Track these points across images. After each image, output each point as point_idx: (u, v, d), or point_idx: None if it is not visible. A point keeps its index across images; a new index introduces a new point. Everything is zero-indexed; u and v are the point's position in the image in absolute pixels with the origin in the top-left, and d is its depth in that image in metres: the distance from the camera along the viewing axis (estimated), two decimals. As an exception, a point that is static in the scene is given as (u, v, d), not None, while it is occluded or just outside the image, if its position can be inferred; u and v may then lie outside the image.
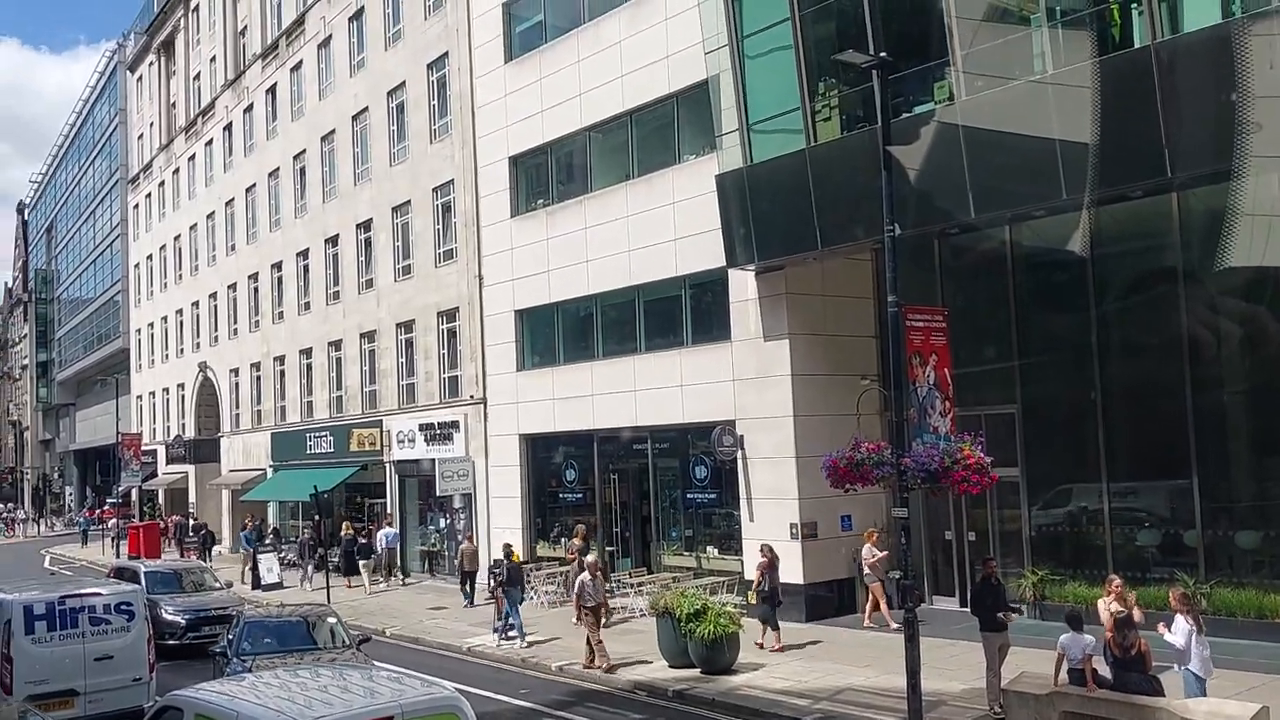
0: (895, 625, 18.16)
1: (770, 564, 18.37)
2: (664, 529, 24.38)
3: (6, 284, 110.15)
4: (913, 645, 12.81)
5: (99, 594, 15.55)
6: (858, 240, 18.96)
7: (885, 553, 19.36)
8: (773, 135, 19.75)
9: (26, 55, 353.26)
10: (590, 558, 18.69)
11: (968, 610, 16.34)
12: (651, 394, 23.35)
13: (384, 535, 30.86)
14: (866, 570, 19.70)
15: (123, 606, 15.40)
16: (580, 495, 26.23)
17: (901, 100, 17.47)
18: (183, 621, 21.46)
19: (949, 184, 16.79)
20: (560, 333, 26.52)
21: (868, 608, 19.88)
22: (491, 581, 22.02)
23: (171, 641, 20.94)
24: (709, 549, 23.07)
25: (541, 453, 27.50)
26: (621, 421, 24.35)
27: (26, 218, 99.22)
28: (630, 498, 25.31)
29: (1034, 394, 19.68)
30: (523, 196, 27.63)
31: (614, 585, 23.67)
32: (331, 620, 16.56)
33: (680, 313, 23.28)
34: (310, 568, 29.84)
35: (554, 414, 26.12)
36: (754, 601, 18.76)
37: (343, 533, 31.64)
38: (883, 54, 14.57)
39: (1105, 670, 12.31)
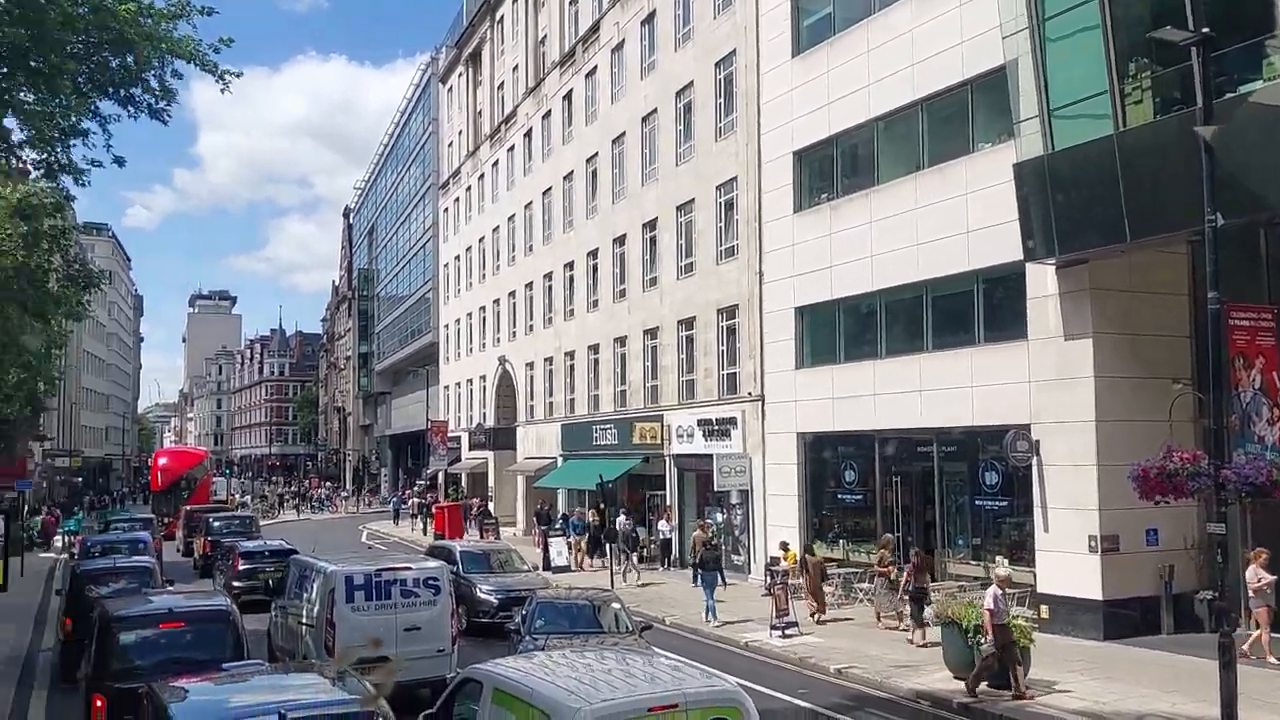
0: (1273, 659, 16.62)
1: (919, 566, 19.95)
2: (949, 536, 23.45)
3: (334, 282, 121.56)
4: (1229, 672, 11.68)
5: (409, 569, 16.54)
6: (1172, 231, 17.49)
7: (1275, 577, 17.14)
8: (1076, 121, 18.53)
9: (353, 71, 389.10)
10: (1002, 571, 16.24)
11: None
12: (938, 394, 22.54)
13: (620, 522, 32.43)
14: (1251, 594, 17.35)
15: (430, 581, 16.29)
16: (860, 497, 25.72)
17: (1224, 79, 15.95)
18: (495, 601, 22.59)
19: (1278, 169, 15.13)
20: (841, 330, 26.09)
21: (1255, 636, 17.09)
22: (769, 579, 21.99)
23: (484, 620, 22.27)
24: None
25: (819, 452, 27.19)
26: (905, 423, 23.66)
27: (351, 221, 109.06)
28: (913, 502, 24.55)
29: (1384, 403, 17.38)
30: (805, 191, 27.42)
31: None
32: (616, 606, 17.16)
33: (971, 309, 22.30)
34: (634, 559, 30.37)
35: (833, 413, 25.75)
36: (904, 599, 20.54)
37: (589, 519, 35.11)
38: (1204, 30, 13.35)
39: None
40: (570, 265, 42.20)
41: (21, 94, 16.14)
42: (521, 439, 47.91)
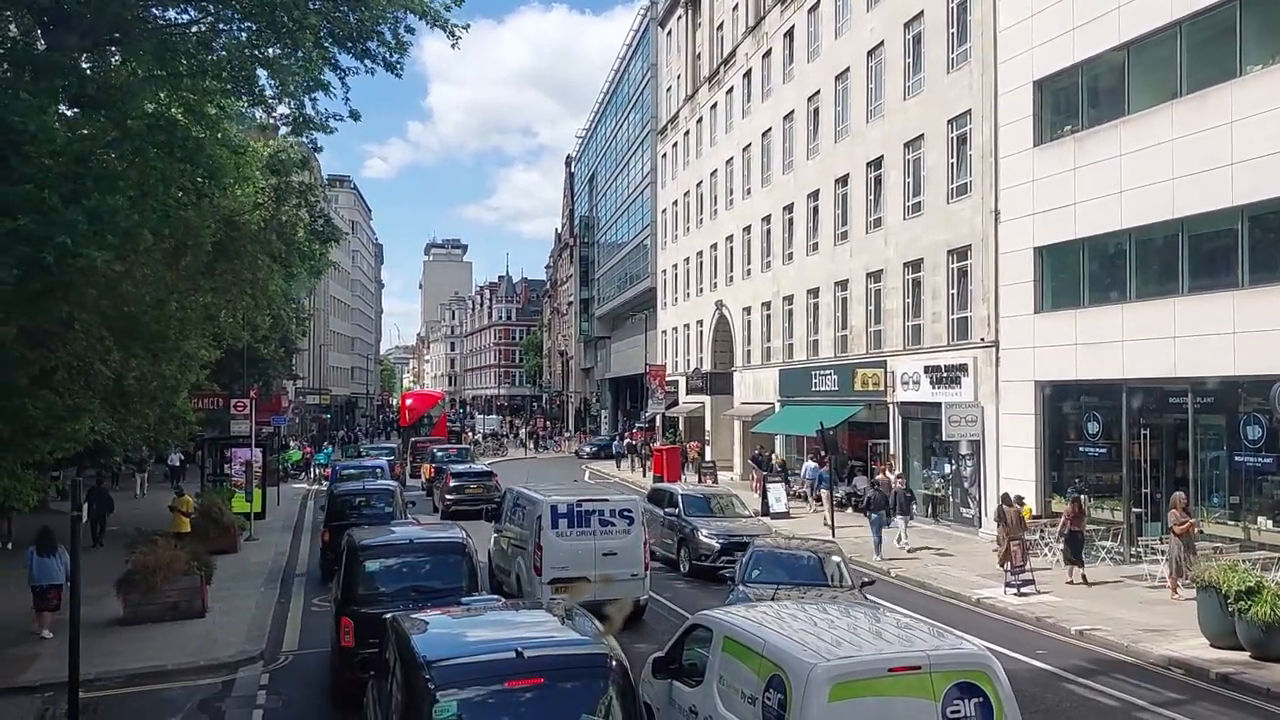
0: None
1: (1077, 512, 21.06)
2: (1203, 494, 21.65)
3: (557, 229, 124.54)
4: None
5: (607, 500, 18.29)
6: None
7: None
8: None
9: (572, 20, 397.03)
10: None
11: None
12: (1194, 341, 20.73)
13: (808, 468, 35.85)
14: None
15: (625, 512, 18.01)
16: (1104, 450, 24.09)
17: None
18: (717, 545, 22.57)
19: None
20: (1085, 272, 24.37)
21: None
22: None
23: (706, 564, 22.35)
24: (1260, 519, 20.15)
25: (1059, 402, 25.63)
26: (1155, 371, 21.93)
27: (573, 170, 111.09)
28: (1162, 456, 22.75)
29: None
30: (1046, 123, 25.60)
31: (1142, 551, 21.70)
32: (837, 559, 16.50)
33: (1235, 249, 20.29)
34: (904, 521, 26.01)
35: (1075, 360, 24.18)
36: (1060, 541, 21.76)
37: (774, 462, 37.94)
38: None
39: None
40: (789, 208, 41.37)
41: (270, 49, 17.01)
42: (738, 384, 47.76)
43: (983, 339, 27.59)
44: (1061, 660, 15.37)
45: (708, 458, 48.32)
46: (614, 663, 7.86)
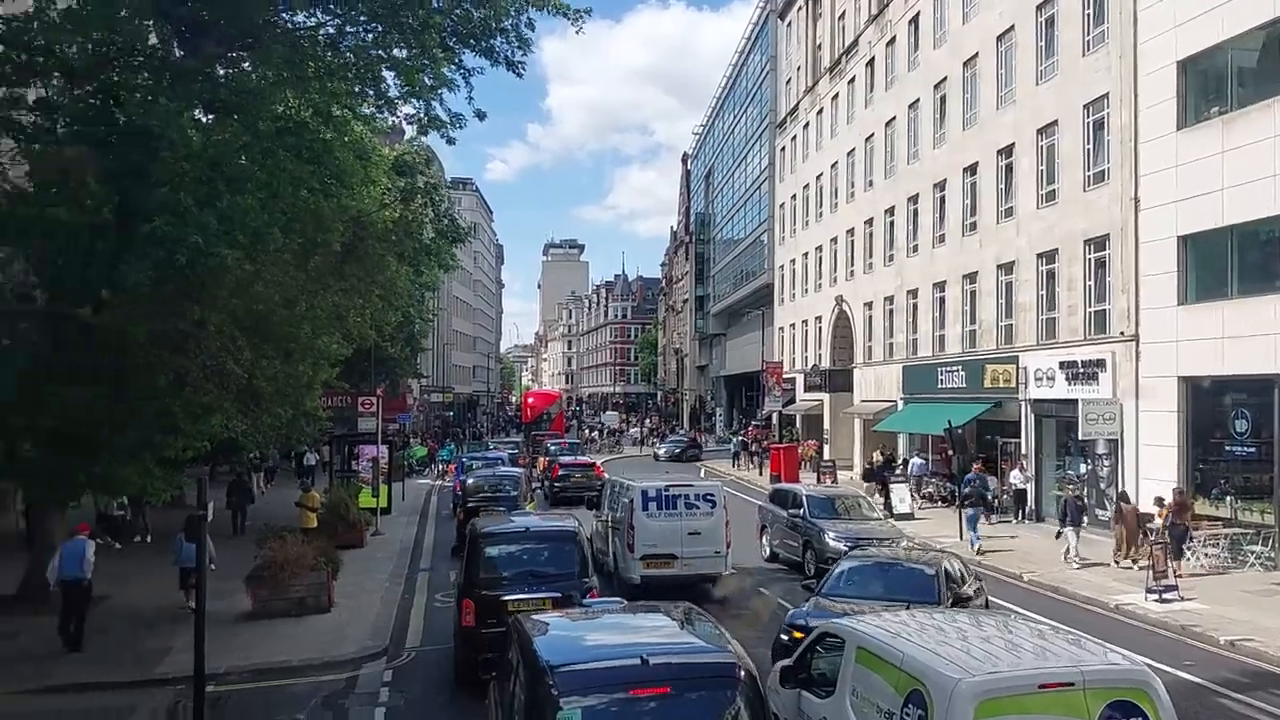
0: None
1: (1181, 505, 21.65)
2: (1369, 497, 20.20)
3: (672, 227, 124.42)
4: None
5: (692, 485, 20.57)
6: None
7: None
8: None
9: (690, 17, 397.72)
10: None
11: None
12: (1359, 334, 19.32)
13: (914, 464, 37.59)
14: None
15: (708, 496, 20.10)
16: (1254, 450, 22.63)
17: None
18: (844, 548, 21.22)
19: None
20: (1235, 260, 22.92)
21: None
22: (1150, 535, 19.99)
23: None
24: None
25: (1205, 398, 24.22)
26: (1314, 366, 20.53)
27: (689, 167, 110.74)
28: (1321, 456, 21.34)
29: None
30: (1192, 105, 24.21)
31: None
32: (930, 571, 14.36)
33: (1406, 234, 18.86)
34: (1074, 533, 23.25)
35: (1223, 354, 22.80)
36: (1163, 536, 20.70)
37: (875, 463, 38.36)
38: None
39: None
40: (914, 199, 40.28)
41: (396, 50, 17.19)
42: (858, 381, 46.79)
43: (1122, 333, 26.30)
44: (1211, 673, 14.44)
45: (826, 456, 47.41)
46: (743, 672, 7.53)
